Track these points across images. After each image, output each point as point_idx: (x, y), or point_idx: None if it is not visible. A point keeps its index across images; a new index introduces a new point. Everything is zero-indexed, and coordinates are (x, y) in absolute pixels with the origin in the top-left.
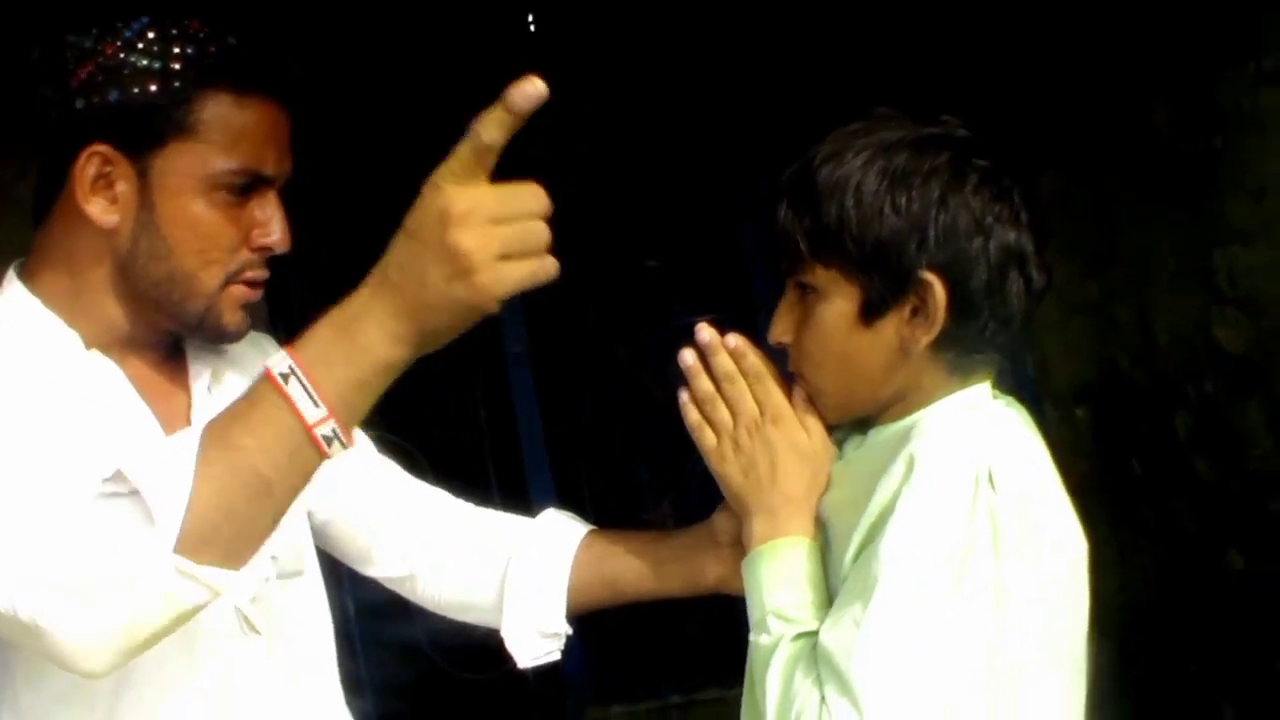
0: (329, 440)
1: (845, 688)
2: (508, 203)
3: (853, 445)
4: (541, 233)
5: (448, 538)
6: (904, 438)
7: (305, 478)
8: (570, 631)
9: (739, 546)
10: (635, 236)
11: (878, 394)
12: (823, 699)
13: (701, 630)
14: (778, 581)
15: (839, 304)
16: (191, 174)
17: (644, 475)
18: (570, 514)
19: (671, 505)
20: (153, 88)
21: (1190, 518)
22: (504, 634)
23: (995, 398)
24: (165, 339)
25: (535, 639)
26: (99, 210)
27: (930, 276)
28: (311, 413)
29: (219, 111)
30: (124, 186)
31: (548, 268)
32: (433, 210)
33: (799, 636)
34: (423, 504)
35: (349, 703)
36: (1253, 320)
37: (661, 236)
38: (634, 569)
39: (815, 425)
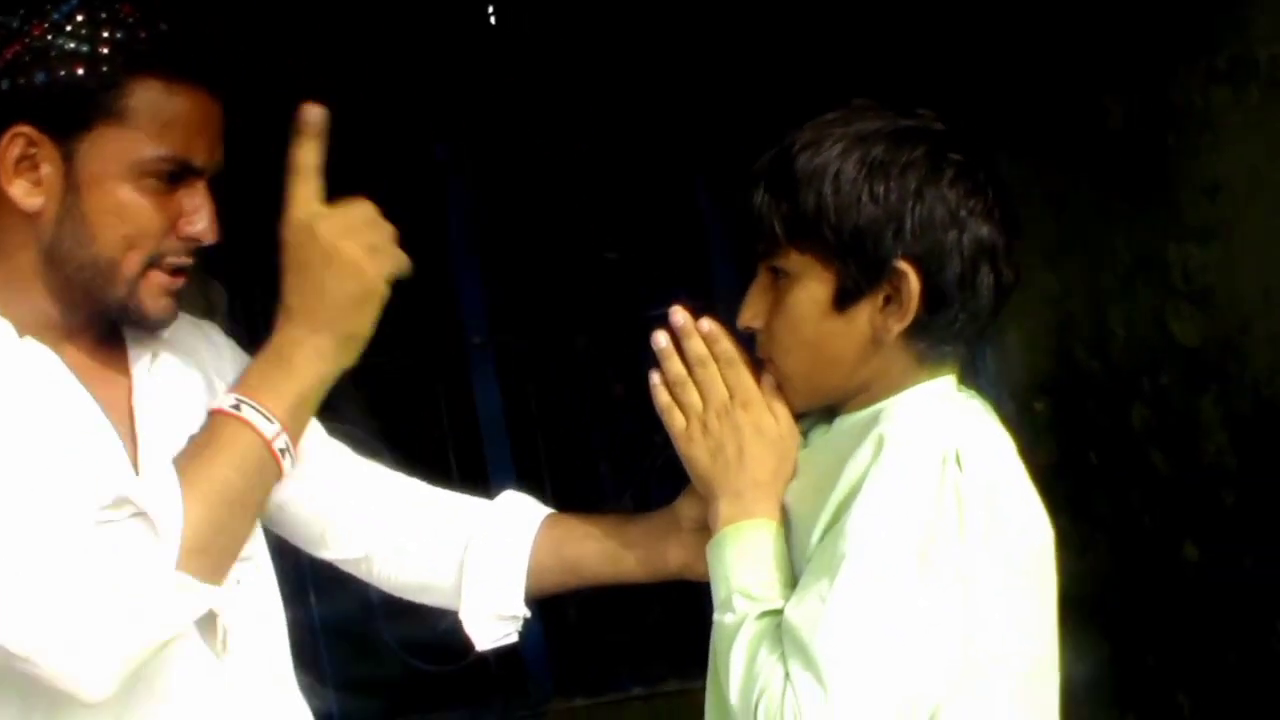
0: (283, 453)
1: (809, 663)
2: (353, 211)
3: (819, 433)
4: (388, 227)
5: (405, 518)
6: (871, 422)
7: (268, 490)
8: (528, 614)
9: (703, 532)
10: (596, 228)
11: (846, 381)
12: (787, 675)
13: (663, 622)
14: (743, 562)
15: (813, 289)
16: (118, 160)
17: (605, 469)
18: (528, 496)
19: (632, 499)
20: (80, 71)
21: (1146, 510)
22: (462, 616)
23: (959, 390)
24: (101, 324)
25: (493, 622)
26: (22, 193)
27: (905, 266)
28: (268, 429)
29: (148, 98)
30: (48, 169)
31: (404, 257)
32: (303, 238)
33: (764, 615)
34: (378, 485)
35: (309, 698)
36: (1207, 315)
37: (622, 228)
38: (595, 552)
39: (783, 411)
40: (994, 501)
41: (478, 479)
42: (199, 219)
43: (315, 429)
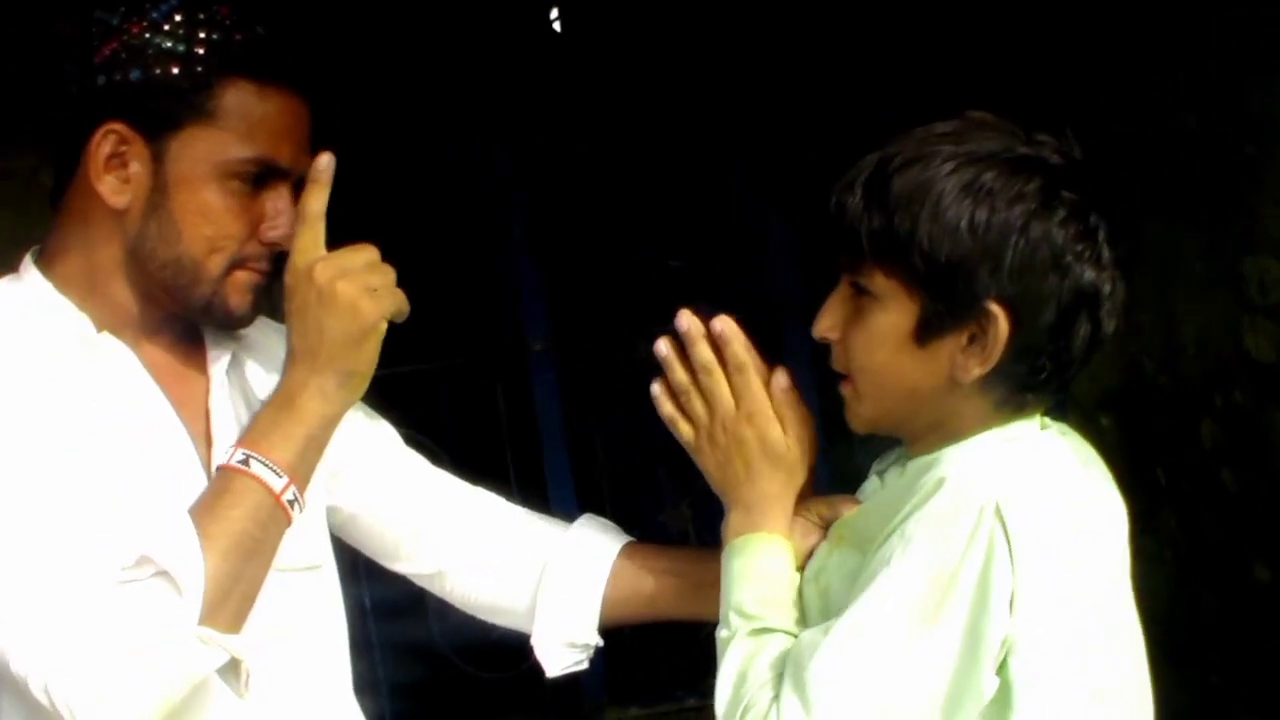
0: (291, 504)
1: (799, 686)
2: (352, 254)
3: (893, 475)
4: (388, 270)
5: (482, 536)
6: (931, 467)
7: (279, 538)
8: (600, 644)
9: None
10: (660, 236)
11: (915, 415)
12: (775, 696)
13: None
14: (744, 577)
15: (894, 316)
16: (207, 160)
17: (663, 476)
18: (606, 521)
19: (690, 507)
20: (175, 70)
21: (1215, 528)
22: (534, 642)
23: (1045, 427)
24: (180, 322)
25: (564, 649)
26: (110, 190)
27: (996, 309)
28: (276, 483)
29: (239, 99)
30: (138, 167)
31: (403, 297)
32: (302, 282)
33: (756, 632)
34: (455, 499)
35: (363, 702)
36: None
37: (686, 237)
38: (674, 589)
39: (794, 422)
40: (1046, 559)
41: (536, 485)
42: (282, 224)
43: (392, 438)
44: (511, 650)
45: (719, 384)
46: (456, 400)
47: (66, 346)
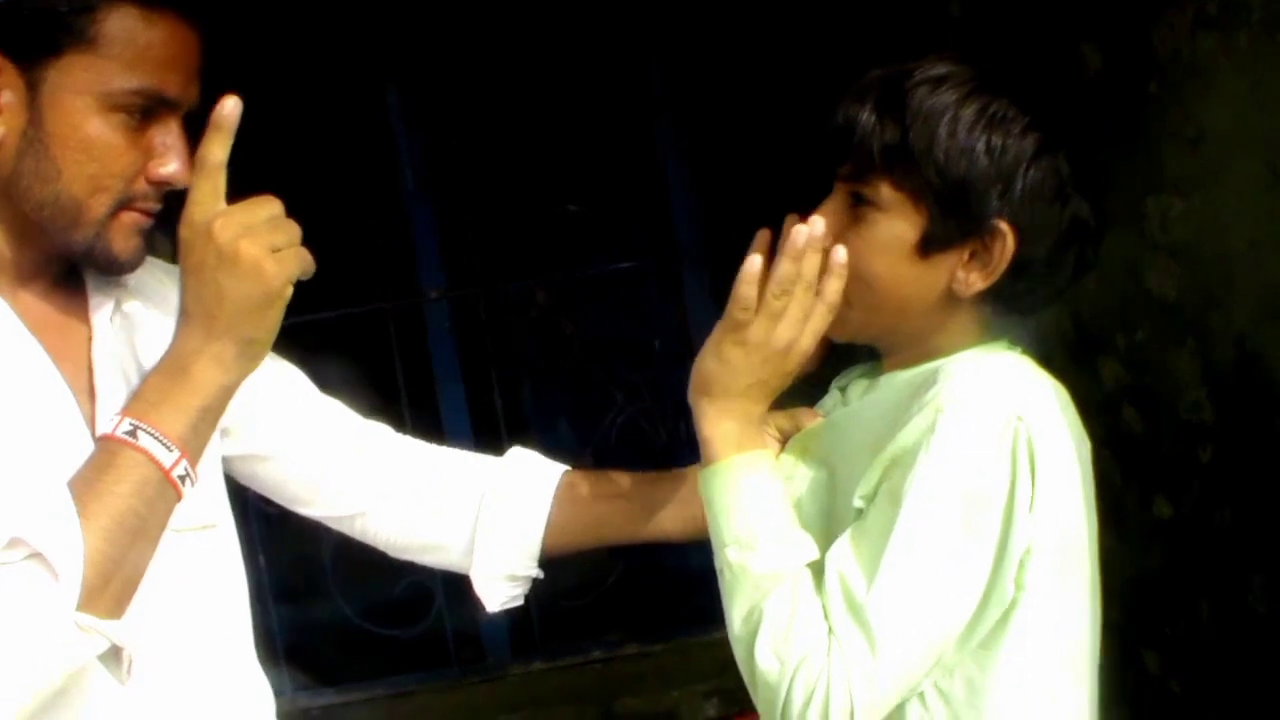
0: (182, 479)
1: (863, 625)
2: (255, 209)
3: (858, 390)
4: (293, 226)
5: (409, 475)
6: (925, 384)
7: (168, 515)
8: (541, 575)
9: None
10: (555, 179)
11: (904, 326)
12: (833, 634)
13: (621, 586)
14: (765, 499)
15: (898, 227)
16: (88, 90)
17: (565, 426)
18: (537, 454)
19: (593, 457)
20: None
21: (1117, 468)
22: (473, 575)
23: (1015, 354)
24: (59, 266)
25: (504, 583)
26: None
27: (1005, 227)
28: (166, 458)
29: (124, 25)
30: (10, 97)
31: (309, 257)
32: (200, 239)
33: (780, 571)
34: (375, 442)
35: (263, 661)
36: (1186, 268)
37: (582, 179)
38: (624, 511)
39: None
40: (1057, 469)
41: (432, 435)
42: (171, 159)
43: (303, 382)
44: (412, 607)
45: (803, 302)
46: (350, 350)
47: None
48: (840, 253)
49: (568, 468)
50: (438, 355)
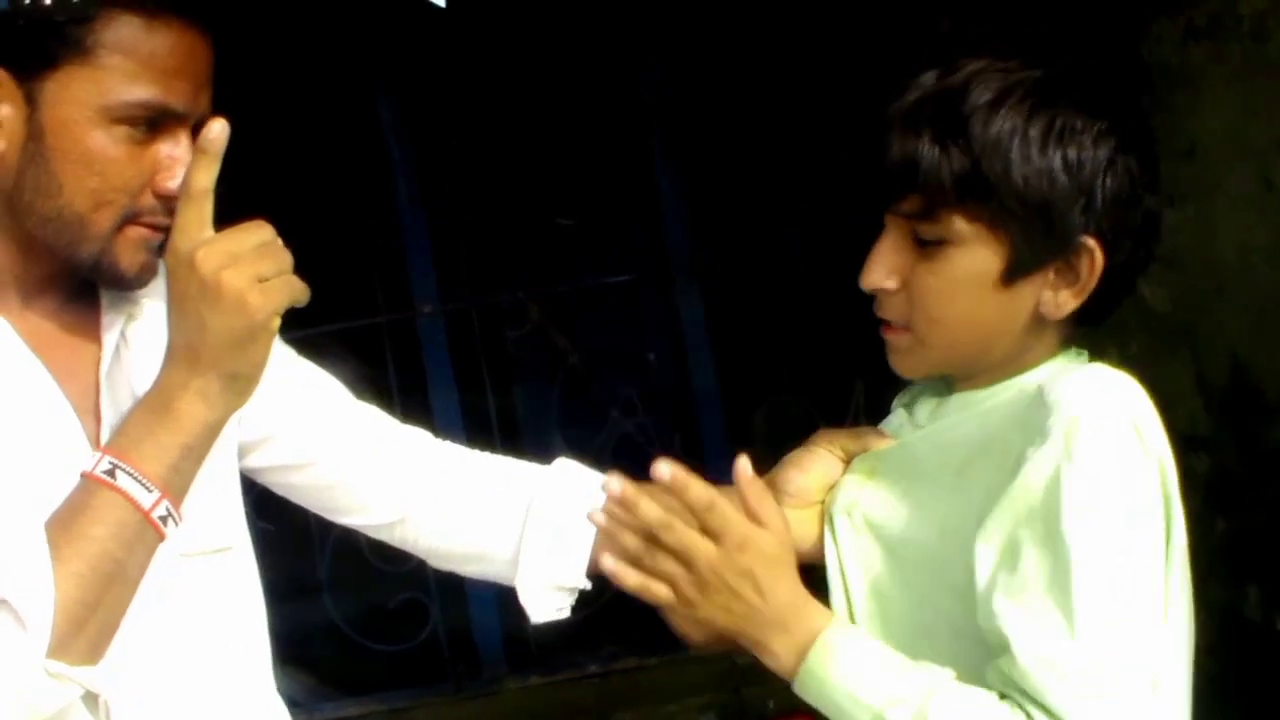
0: (164, 520)
1: (1076, 698)
2: (242, 237)
3: (926, 410)
4: (284, 253)
5: (452, 481)
6: (1034, 403)
7: (149, 558)
8: (588, 587)
9: (809, 506)
10: (549, 194)
11: (988, 356)
12: (1035, 705)
13: (618, 600)
14: (861, 674)
15: (979, 260)
16: (87, 103)
17: (560, 442)
18: (579, 464)
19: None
20: (47, 1)
21: None
22: (519, 587)
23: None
24: (69, 282)
25: (551, 593)
26: None
27: (1091, 242)
28: (146, 499)
29: (124, 34)
30: (9, 111)
31: (302, 286)
32: (184, 271)
33: (935, 694)
34: (418, 446)
35: None
36: (1180, 279)
37: (576, 194)
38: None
39: (772, 513)
40: (1169, 463)
41: None
42: (179, 173)
43: (338, 389)
44: (408, 622)
45: (684, 534)
46: (344, 364)
47: None
48: (664, 472)
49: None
50: (432, 370)
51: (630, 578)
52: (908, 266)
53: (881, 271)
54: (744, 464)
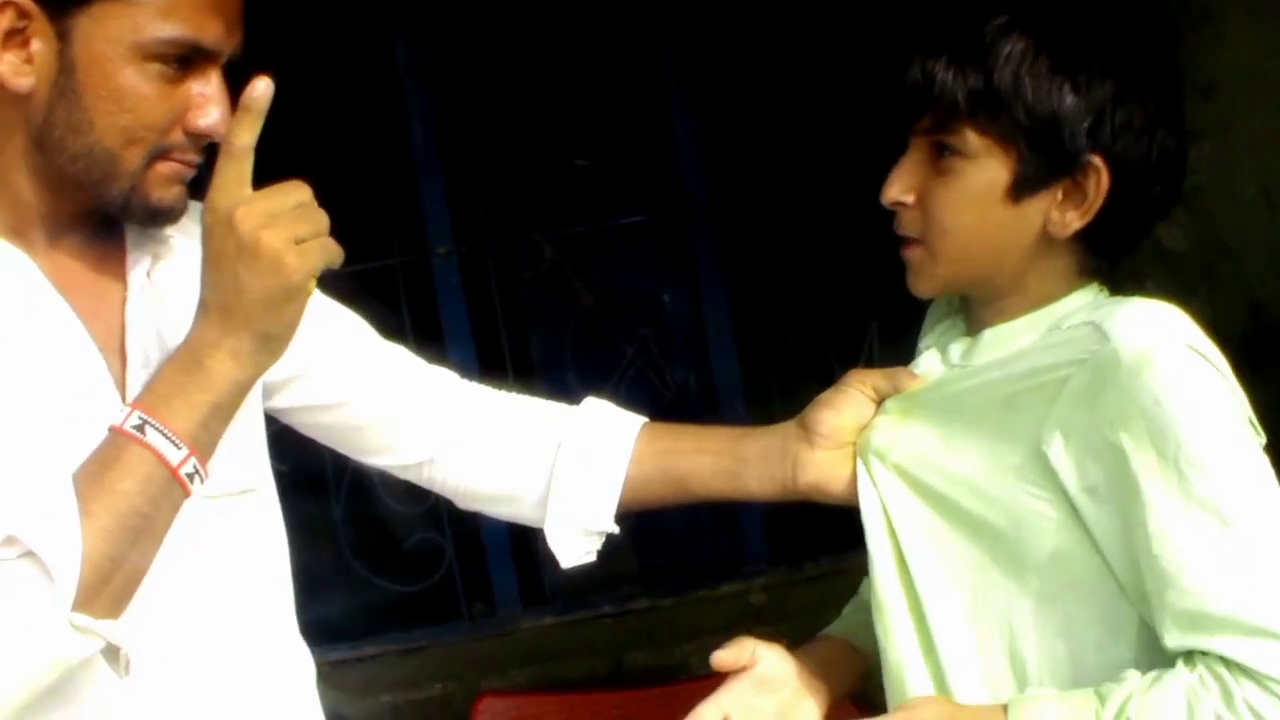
0: (190, 477)
1: (1254, 631)
2: (280, 196)
3: (960, 348)
4: (321, 215)
5: (481, 422)
6: (1083, 336)
7: (174, 514)
8: (616, 531)
9: (841, 448)
10: (564, 134)
11: (997, 274)
12: (1229, 663)
13: (631, 541)
14: None
15: (988, 173)
16: (120, 40)
17: (573, 381)
18: (609, 404)
19: None
20: None
21: None
22: (547, 530)
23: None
24: (95, 221)
25: (580, 537)
26: (10, 70)
27: (1099, 161)
28: (174, 456)
29: None
30: (40, 46)
31: (337, 248)
32: (222, 226)
33: (1130, 700)
34: (442, 386)
35: None
36: (1197, 218)
37: (591, 135)
38: (709, 467)
39: None
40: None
41: None
42: (210, 111)
43: (365, 329)
44: (423, 562)
45: None
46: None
47: None
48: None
49: (646, 419)
50: (446, 311)
51: None
52: (924, 183)
53: (900, 187)
54: None
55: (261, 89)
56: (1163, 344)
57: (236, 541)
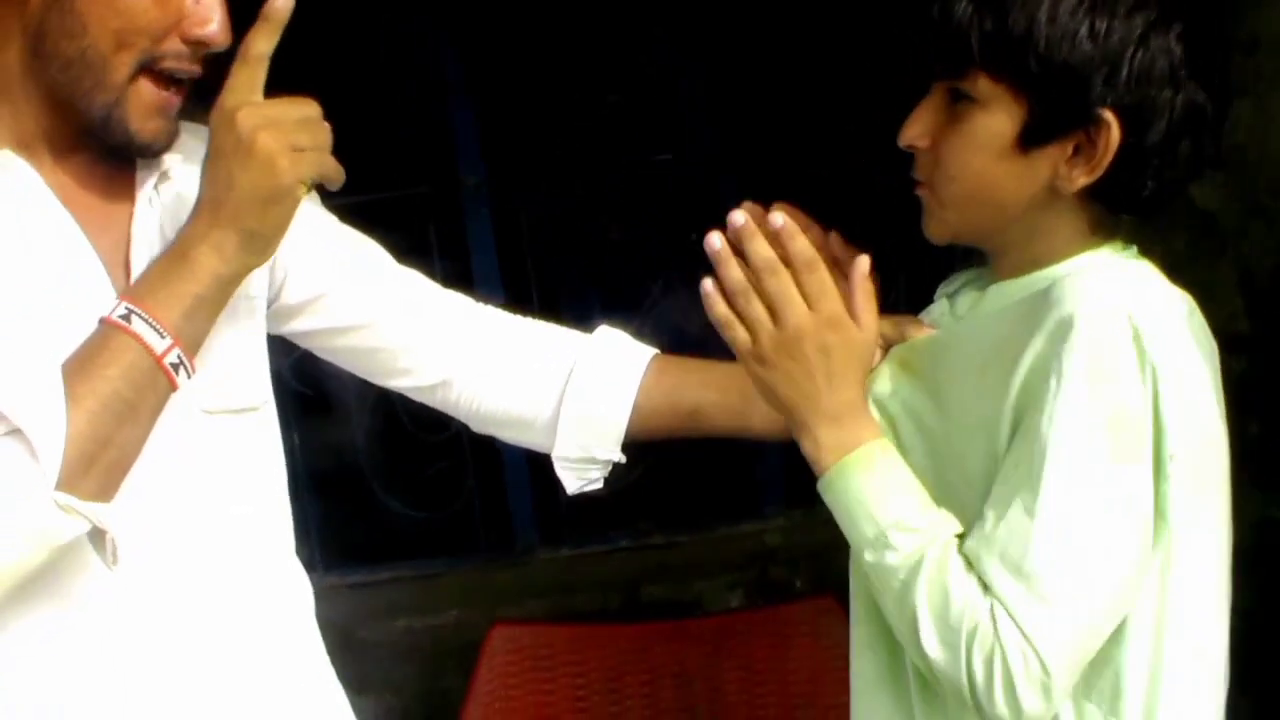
0: (175, 368)
1: (1026, 580)
2: (286, 106)
3: (967, 301)
4: (324, 130)
5: (495, 345)
6: (1041, 299)
7: (160, 405)
8: (623, 460)
9: None
10: (598, 71)
11: (1006, 227)
12: (995, 600)
13: (649, 475)
14: (884, 491)
15: (997, 121)
16: None
17: (599, 316)
18: (624, 334)
19: None
20: None
21: None
22: (554, 456)
23: (1132, 258)
24: (101, 142)
25: (585, 465)
26: None
27: (1110, 116)
28: (158, 344)
29: None
30: None
31: (335, 166)
32: (225, 124)
33: (930, 546)
34: (457, 309)
35: (295, 537)
36: (1230, 176)
37: (625, 70)
38: (718, 400)
39: (869, 317)
40: (1180, 378)
41: None
42: (207, 19)
43: (381, 255)
44: (443, 491)
45: (787, 285)
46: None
47: None
48: (777, 219)
49: (657, 351)
50: (474, 243)
51: (719, 308)
52: (940, 128)
53: (915, 130)
54: (863, 262)
55: (282, 1)
56: (1090, 312)
57: (234, 458)
